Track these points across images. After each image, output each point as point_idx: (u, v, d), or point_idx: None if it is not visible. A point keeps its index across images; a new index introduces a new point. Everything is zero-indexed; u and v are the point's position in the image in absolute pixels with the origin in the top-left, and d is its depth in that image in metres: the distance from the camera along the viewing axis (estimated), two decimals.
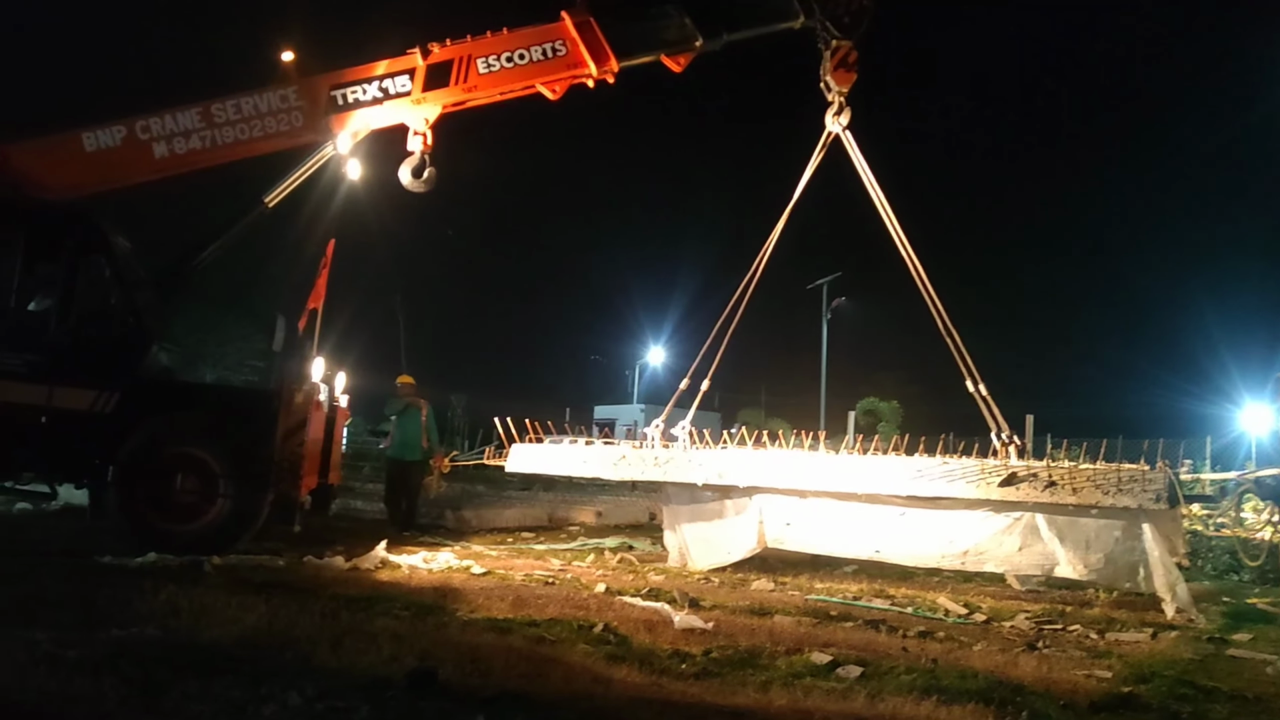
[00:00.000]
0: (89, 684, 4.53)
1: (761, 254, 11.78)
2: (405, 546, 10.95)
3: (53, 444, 9.50)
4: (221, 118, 10.77)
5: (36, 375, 9.48)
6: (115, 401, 9.54)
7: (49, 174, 10.51)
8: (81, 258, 10.00)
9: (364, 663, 5.44)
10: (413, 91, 11.08)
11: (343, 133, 11.09)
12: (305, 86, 11.05)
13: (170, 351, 11.06)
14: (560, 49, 11.07)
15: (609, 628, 6.95)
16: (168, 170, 10.81)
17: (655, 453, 11.18)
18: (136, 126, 10.63)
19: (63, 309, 9.81)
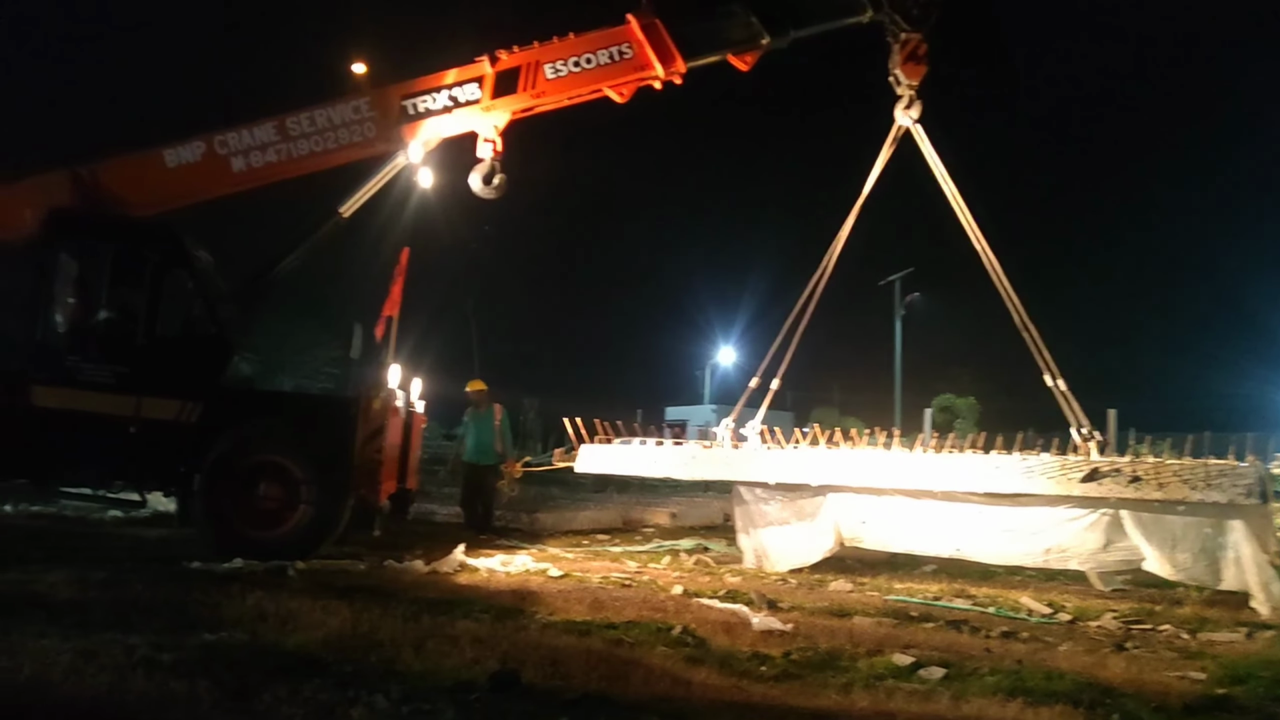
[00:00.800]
0: (184, 687, 4.65)
1: (831, 250, 11.68)
2: (483, 550, 11.05)
3: (141, 453, 9.72)
4: (296, 131, 10.99)
5: (125, 387, 9.72)
6: (200, 411, 9.75)
7: (132, 191, 10.81)
8: (165, 272, 10.21)
9: (447, 665, 5.51)
10: (482, 99, 11.19)
11: (414, 142, 11.24)
12: (377, 97, 11.22)
13: (251, 361, 11.32)
14: (627, 52, 11.09)
15: (687, 630, 6.95)
16: (246, 184, 11.06)
17: (726, 452, 11.15)
18: (215, 142, 10.89)
19: (148, 322, 10.06)
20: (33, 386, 9.65)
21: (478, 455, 13.58)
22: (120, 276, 10.15)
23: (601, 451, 11.95)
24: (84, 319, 10.13)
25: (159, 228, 10.52)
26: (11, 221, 10.40)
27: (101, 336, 9.98)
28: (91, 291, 10.23)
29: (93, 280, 10.24)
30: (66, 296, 10.22)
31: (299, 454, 9.75)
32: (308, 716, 4.42)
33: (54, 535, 10.74)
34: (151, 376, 9.82)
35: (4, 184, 10.72)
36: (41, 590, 6.99)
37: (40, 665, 4.79)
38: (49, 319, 10.01)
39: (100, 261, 10.20)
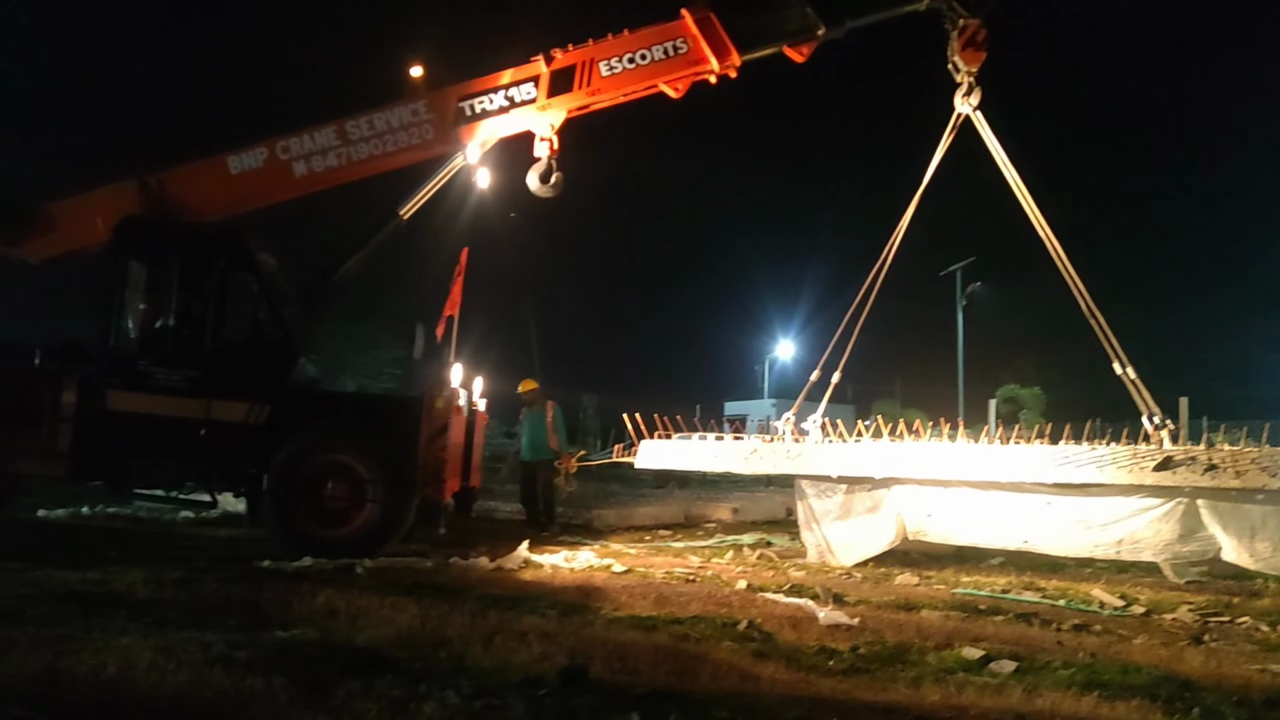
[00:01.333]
0: (261, 683, 4.71)
1: (891, 241, 11.58)
2: (547, 546, 11.12)
3: (212, 454, 9.89)
4: (356, 134, 11.13)
5: (196, 390, 9.89)
6: (268, 413, 9.90)
7: (198, 197, 11.03)
8: (231, 276, 10.40)
9: (516, 661, 5.54)
10: (538, 98, 11.24)
11: (472, 142, 11.33)
12: (434, 99, 11.32)
13: (316, 363, 11.46)
14: (681, 46, 11.07)
15: (753, 625, 6.92)
16: (308, 188, 11.22)
17: (788, 446, 11.10)
18: (277, 147, 11.07)
19: (216, 326, 10.25)
20: (108, 391, 9.86)
21: (532, 452, 13.69)
22: (189, 282, 10.31)
23: (662, 447, 11.97)
24: (155, 324, 10.32)
25: (225, 233, 10.71)
26: (84, 231, 10.68)
27: (172, 341, 10.14)
28: (161, 297, 10.40)
29: (162, 286, 10.41)
30: (138, 303, 10.45)
31: (365, 454, 9.86)
32: (382, 712, 4.45)
33: (129, 536, 11.02)
34: (221, 380, 9.98)
35: (76, 194, 11.00)
36: (120, 589, 7.16)
37: (123, 662, 4.89)
38: (121, 325, 10.22)
39: (169, 267, 10.35)
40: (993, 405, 24.88)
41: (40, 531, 11.26)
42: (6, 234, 10.78)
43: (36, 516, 12.26)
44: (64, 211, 10.92)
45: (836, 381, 11.68)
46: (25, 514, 12.20)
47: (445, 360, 11.09)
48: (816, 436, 11.17)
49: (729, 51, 11.08)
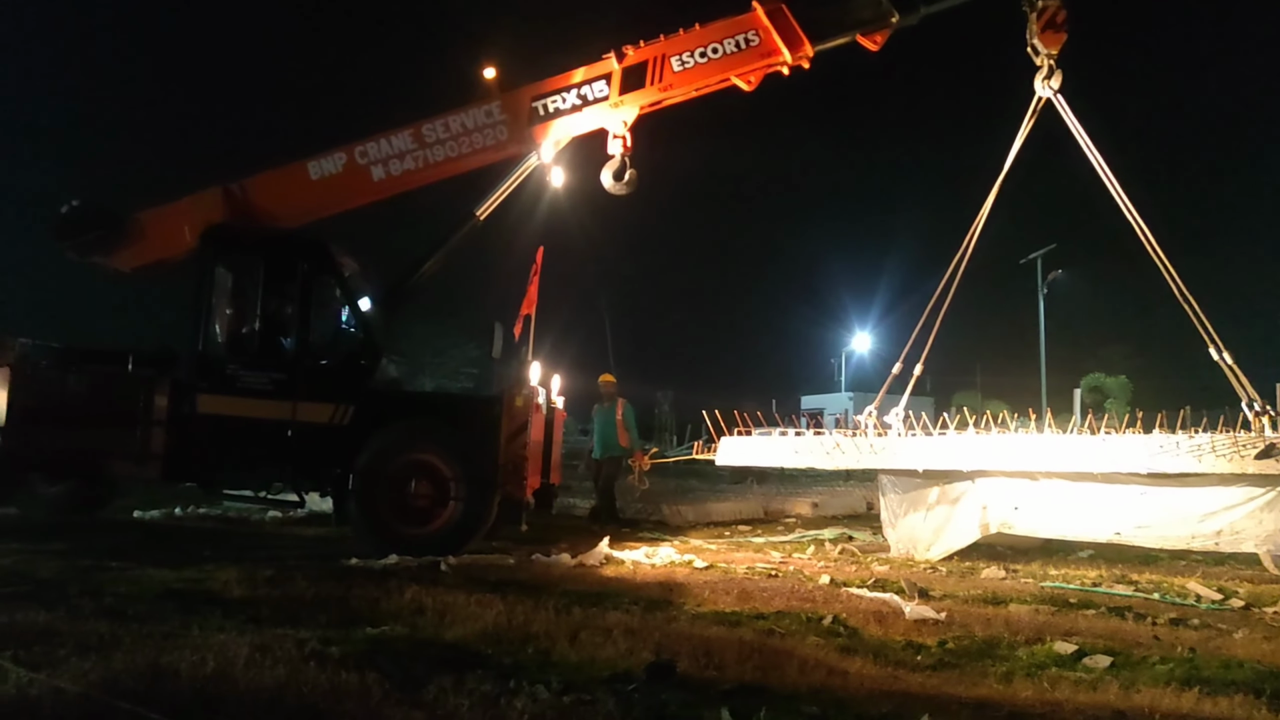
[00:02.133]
0: (355, 678, 4.78)
1: (972, 230, 11.37)
2: (627, 543, 11.15)
3: (299, 455, 10.07)
4: (432, 137, 11.25)
5: (282, 392, 10.07)
6: (352, 413, 10.06)
7: (280, 204, 11.23)
8: (314, 280, 10.57)
9: (602, 656, 5.55)
10: (610, 95, 11.24)
11: (545, 142, 11.38)
12: (508, 100, 11.38)
13: (397, 363, 11.62)
14: (753, 39, 10.99)
15: (838, 620, 6.87)
16: (385, 192, 11.36)
17: (871, 440, 10.97)
18: (355, 152, 11.23)
19: (301, 330, 10.43)
20: (197, 395, 10.11)
21: (602, 449, 13.73)
22: (273, 287, 10.50)
23: (742, 443, 11.91)
24: (241, 329, 10.55)
25: (307, 238, 10.89)
26: (171, 239, 10.95)
27: (258, 345, 10.36)
28: (247, 302, 10.63)
29: (248, 291, 10.63)
30: (224, 308, 10.68)
31: (447, 452, 9.98)
32: (473, 707, 4.49)
33: (221, 536, 11.29)
34: (306, 382, 10.16)
35: (162, 204, 11.30)
36: (215, 588, 7.32)
37: (222, 659, 5.00)
38: (209, 330, 10.45)
39: (254, 273, 10.58)
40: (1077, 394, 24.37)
41: (137, 532, 11.57)
42: (101, 244, 11.11)
43: (133, 517, 12.62)
44: (153, 221, 11.20)
45: (919, 374, 11.51)
46: (122, 515, 12.59)
47: (524, 359, 11.17)
48: (900, 430, 11.01)
49: (801, 42, 10.97)
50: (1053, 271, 35.22)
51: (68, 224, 11.04)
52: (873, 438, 11.05)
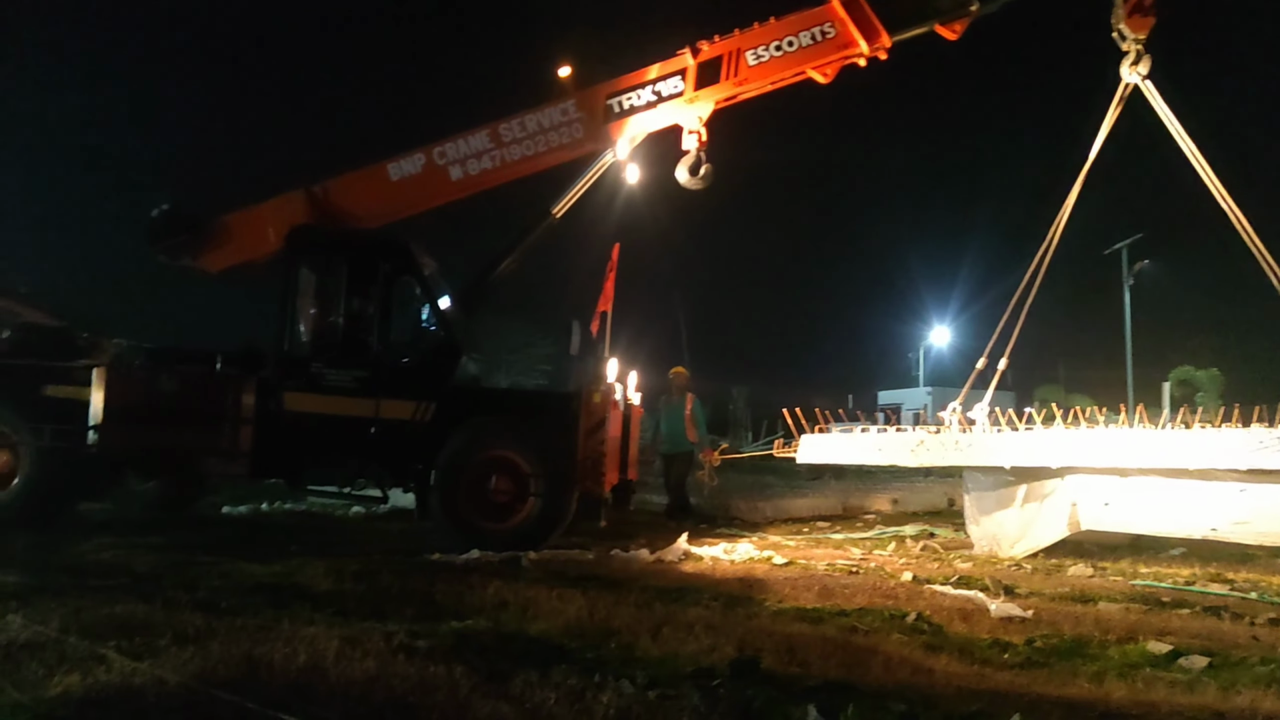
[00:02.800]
0: (443, 671, 4.85)
1: (1057, 222, 11.12)
2: (705, 539, 11.13)
3: (382, 452, 10.25)
4: (509, 136, 11.36)
5: (365, 390, 10.25)
6: (433, 410, 10.20)
7: (361, 205, 11.45)
8: (395, 280, 10.72)
9: (685, 652, 5.55)
10: (685, 91, 11.23)
11: (621, 139, 11.41)
12: (583, 98, 11.45)
13: (477, 361, 11.74)
14: (829, 31, 10.88)
15: (922, 617, 6.80)
16: (464, 191, 11.51)
17: (955, 437, 10.80)
18: (434, 153, 11.39)
19: (383, 328, 10.59)
20: (283, 393, 10.33)
21: (670, 444, 13.68)
22: (356, 286, 10.66)
23: (823, 441, 11.77)
24: (325, 328, 10.72)
25: (388, 238, 11.07)
26: (256, 241, 11.23)
27: (342, 344, 10.53)
28: (330, 302, 10.78)
29: (331, 291, 10.79)
30: (309, 308, 10.86)
31: (526, 448, 10.06)
32: (560, 701, 4.52)
33: (307, 531, 11.53)
34: (388, 380, 10.33)
35: (248, 207, 11.57)
36: (304, 582, 7.48)
37: (313, 651, 5.10)
38: (294, 330, 10.67)
39: (337, 273, 10.74)
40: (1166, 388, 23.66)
41: (226, 527, 11.89)
42: (189, 247, 11.43)
43: (221, 513, 12.95)
44: (239, 223, 11.51)
45: (1003, 368, 11.29)
46: (211, 511, 12.93)
47: (600, 355, 11.21)
48: (985, 426, 10.82)
49: (878, 33, 10.84)
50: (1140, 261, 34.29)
51: (158, 228, 11.39)
52: (957, 434, 10.88)
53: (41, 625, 5.48)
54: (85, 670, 4.69)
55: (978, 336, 11.40)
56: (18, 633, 5.35)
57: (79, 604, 6.11)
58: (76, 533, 9.93)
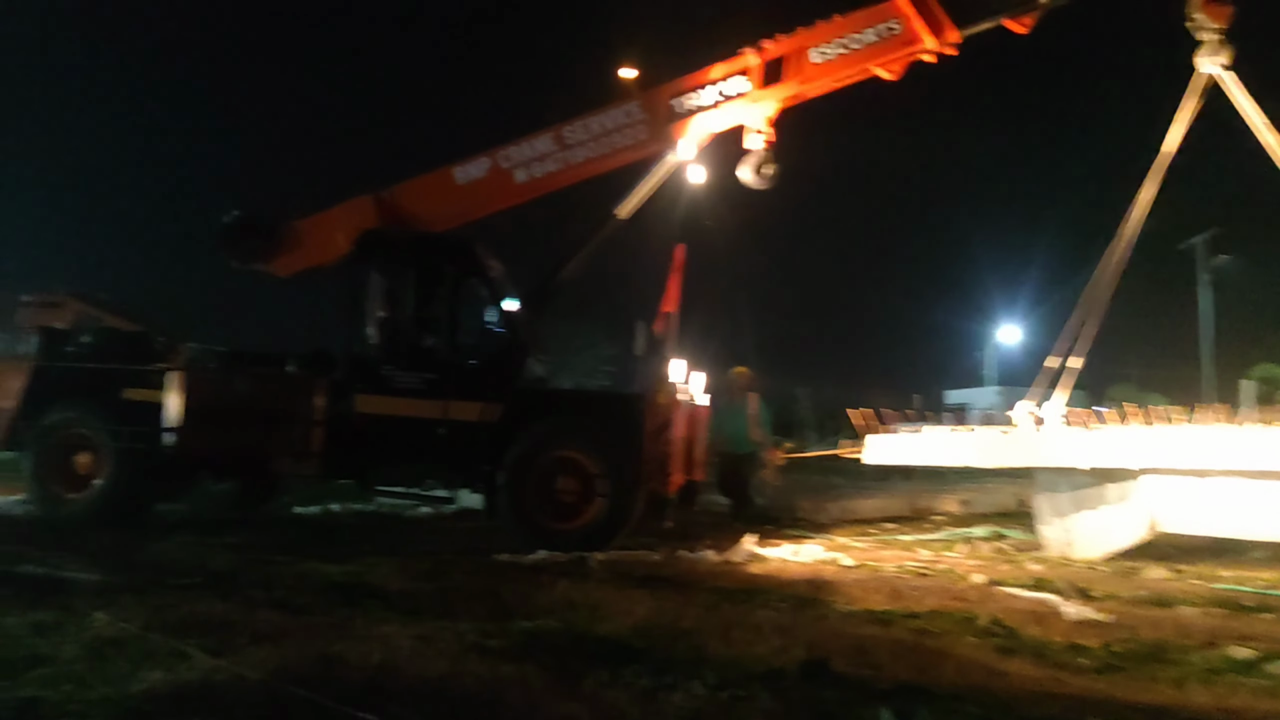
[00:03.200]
0: (514, 670, 4.89)
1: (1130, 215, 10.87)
2: (772, 540, 11.08)
3: (450, 452, 10.36)
4: (573, 139, 11.41)
5: (434, 391, 10.36)
6: (500, 411, 10.28)
7: (427, 209, 11.59)
8: (462, 282, 10.85)
9: (754, 653, 5.52)
10: (749, 90, 11.18)
11: (685, 139, 11.39)
12: (647, 99, 11.47)
13: (543, 362, 11.82)
14: (895, 27, 10.74)
15: (994, 620, 6.66)
16: (528, 195, 11.60)
17: (1029, 436, 10.60)
18: (498, 156, 11.49)
19: (450, 330, 10.71)
20: (354, 395, 10.50)
21: (733, 444, 13.57)
22: (423, 289, 10.79)
23: (891, 441, 11.64)
24: (394, 331, 10.84)
25: (454, 241, 11.19)
26: (325, 246, 11.42)
27: (410, 346, 10.65)
28: (399, 305, 10.93)
29: (399, 294, 10.94)
30: (377, 311, 11.01)
31: (592, 449, 10.09)
32: (632, 701, 4.54)
33: (377, 531, 11.68)
34: (456, 381, 10.43)
35: (317, 212, 11.78)
36: (375, 581, 7.55)
37: (386, 650, 5.17)
38: (363, 332, 10.85)
39: (405, 276, 10.90)
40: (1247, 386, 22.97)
41: (298, 527, 12.08)
42: (260, 252, 11.67)
43: (293, 513, 13.16)
44: (308, 228, 11.72)
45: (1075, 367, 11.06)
46: (283, 511, 13.15)
47: (666, 356, 11.22)
48: (1057, 425, 10.61)
49: (946, 28, 10.67)
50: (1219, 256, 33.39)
51: (229, 234, 11.65)
52: (1029, 433, 10.68)
53: (125, 622, 5.62)
54: (168, 666, 4.81)
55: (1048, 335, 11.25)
56: (103, 629, 5.49)
57: (159, 602, 6.26)
58: (155, 532, 10.16)
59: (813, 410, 36.32)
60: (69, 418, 10.83)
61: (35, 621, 5.65)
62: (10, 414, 10.97)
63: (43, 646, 5.18)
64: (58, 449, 10.85)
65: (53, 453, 10.85)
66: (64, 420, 10.84)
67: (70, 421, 10.83)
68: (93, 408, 10.81)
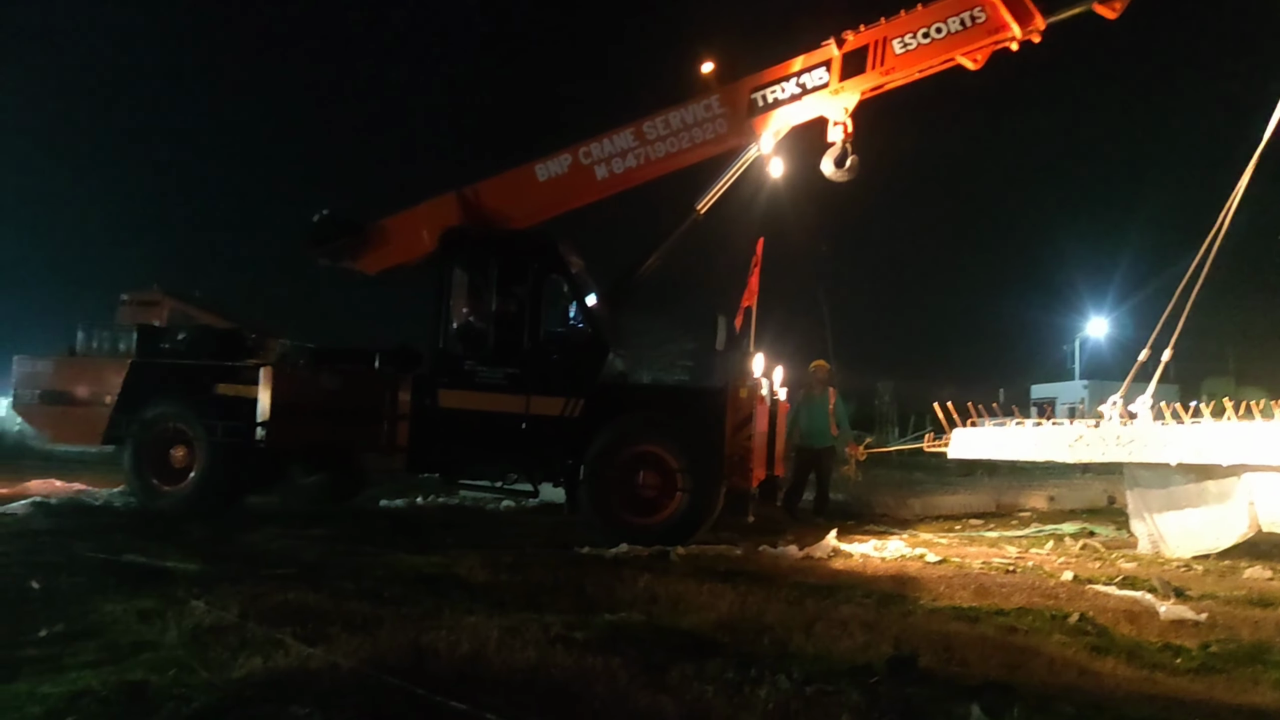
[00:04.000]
0: (600, 662, 4.93)
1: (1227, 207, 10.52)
2: (855, 535, 11.00)
3: (532, 447, 10.48)
4: (653, 134, 11.43)
5: (516, 387, 10.50)
6: (581, 406, 10.36)
7: (510, 206, 11.71)
8: (543, 279, 10.93)
9: (839, 649, 5.51)
10: (830, 82, 11.09)
11: (765, 132, 11.34)
12: (726, 93, 11.42)
13: (623, 357, 11.86)
14: (979, 15, 10.56)
15: (1085, 618, 6.55)
16: (609, 190, 11.65)
17: (1117, 431, 10.34)
18: (579, 153, 11.56)
19: (532, 326, 10.79)
20: (438, 390, 10.67)
21: (812, 439, 13.46)
22: (506, 285, 10.93)
23: (976, 435, 11.44)
24: (477, 326, 11.01)
25: (536, 238, 11.30)
26: (411, 243, 11.63)
27: (493, 341, 10.79)
28: (482, 301, 11.09)
29: (483, 291, 11.09)
30: (462, 306, 11.18)
31: (673, 443, 10.12)
32: (717, 694, 4.54)
33: (461, 524, 11.82)
34: (538, 376, 10.53)
35: (404, 211, 11.98)
36: (461, 573, 7.69)
37: (475, 640, 5.27)
38: (448, 328, 10.98)
39: (487, 273, 11.03)
40: None
41: (384, 520, 12.27)
42: (348, 250, 11.91)
43: (379, 506, 13.43)
44: (394, 226, 11.94)
45: (1168, 359, 10.75)
46: (370, 504, 13.43)
47: (746, 350, 11.18)
48: (1148, 419, 10.32)
49: (1032, 15, 10.47)
50: None
51: (319, 233, 11.91)
52: (1119, 428, 10.41)
53: (223, 611, 5.82)
54: (266, 654, 4.96)
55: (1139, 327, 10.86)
56: (202, 617, 5.69)
57: (255, 591, 6.45)
58: (247, 524, 10.44)
59: (895, 404, 35.93)
60: (165, 412, 11.27)
61: (140, 608, 5.89)
62: (110, 409, 11.39)
63: (147, 632, 5.42)
64: (155, 443, 11.31)
65: (150, 446, 11.31)
66: (160, 415, 11.28)
67: (166, 416, 11.27)
68: (188, 403, 11.21)
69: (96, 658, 4.95)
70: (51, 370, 11.87)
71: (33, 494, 12.22)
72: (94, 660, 4.90)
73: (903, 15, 10.87)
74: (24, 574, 6.91)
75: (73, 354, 12.08)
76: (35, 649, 5.10)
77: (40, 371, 11.88)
